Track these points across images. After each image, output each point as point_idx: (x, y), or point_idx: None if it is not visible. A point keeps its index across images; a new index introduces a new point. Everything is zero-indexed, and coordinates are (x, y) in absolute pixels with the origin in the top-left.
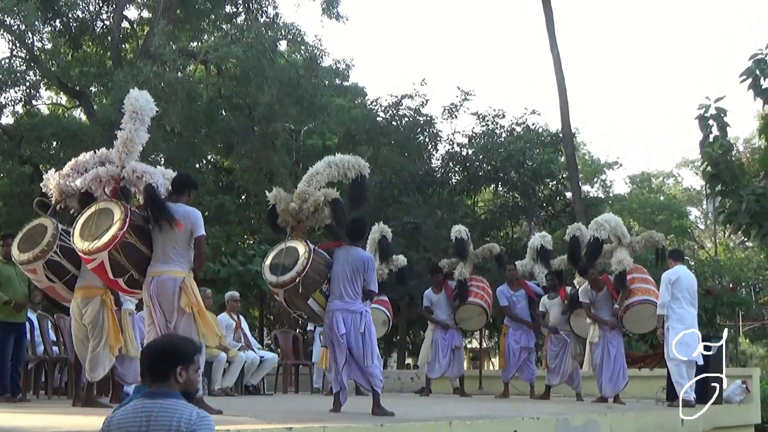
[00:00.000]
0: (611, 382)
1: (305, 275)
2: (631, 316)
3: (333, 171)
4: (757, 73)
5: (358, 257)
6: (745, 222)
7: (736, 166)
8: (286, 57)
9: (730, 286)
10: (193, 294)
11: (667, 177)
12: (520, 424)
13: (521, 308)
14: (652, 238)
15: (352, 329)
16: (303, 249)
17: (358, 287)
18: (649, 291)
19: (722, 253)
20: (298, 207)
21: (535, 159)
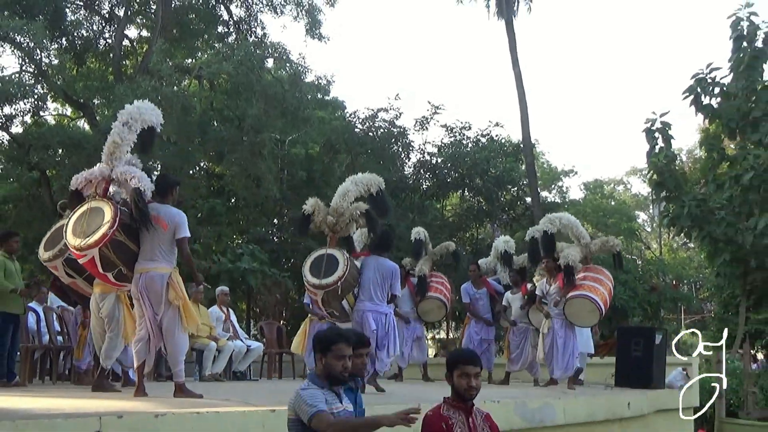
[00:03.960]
0: (560, 367)
1: (344, 280)
2: (571, 309)
3: (360, 188)
4: (698, 90)
5: (386, 266)
6: (687, 225)
7: (680, 174)
8: (273, 73)
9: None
10: (180, 288)
11: (617, 184)
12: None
13: (483, 305)
14: (607, 242)
15: (380, 327)
16: (342, 257)
17: (386, 291)
18: (593, 288)
19: (667, 253)
20: (336, 220)
21: (498, 167)
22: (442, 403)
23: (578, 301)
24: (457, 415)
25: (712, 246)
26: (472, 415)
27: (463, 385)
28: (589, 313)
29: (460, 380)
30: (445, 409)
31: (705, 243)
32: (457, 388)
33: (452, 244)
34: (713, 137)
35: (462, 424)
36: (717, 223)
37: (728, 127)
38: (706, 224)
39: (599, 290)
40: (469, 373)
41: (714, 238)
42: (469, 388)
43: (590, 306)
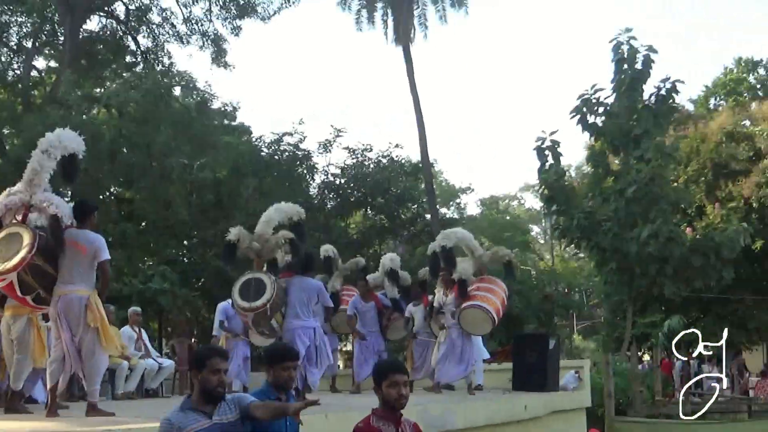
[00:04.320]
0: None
1: (272, 302)
2: (466, 318)
3: (282, 215)
4: (584, 110)
5: (311, 285)
6: (577, 236)
7: (569, 189)
8: (180, 101)
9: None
10: (98, 310)
11: (512, 199)
12: None
13: (371, 317)
14: (497, 253)
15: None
16: (268, 280)
17: (311, 308)
18: (486, 299)
19: (559, 263)
20: (261, 246)
21: (398, 186)
22: (371, 415)
23: (472, 311)
24: (387, 426)
25: (599, 255)
26: (401, 425)
27: (393, 394)
28: (483, 321)
29: (389, 390)
30: (375, 420)
31: (593, 253)
32: (387, 399)
33: (362, 259)
34: (599, 154)
35: None
36: (604, 234)
37: (612, 144)
38: (594, 235)
39: (492, 300)
40: (398, 382)
41: (601, 248)
42: (400, 398)
43: (483, 315)
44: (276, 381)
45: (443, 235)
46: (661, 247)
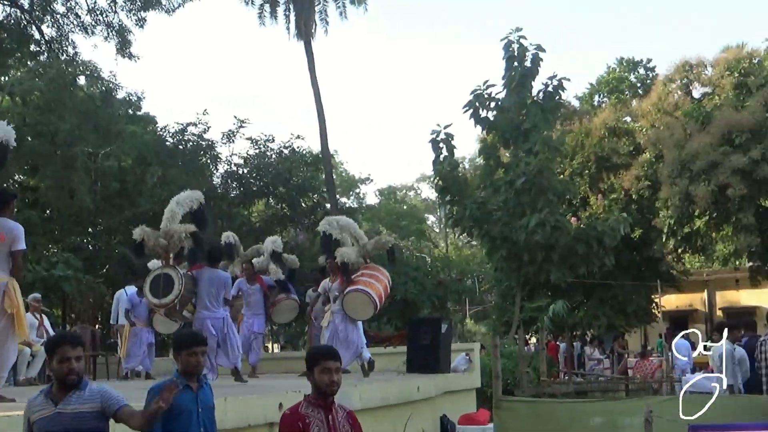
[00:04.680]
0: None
1: (181, 296)
2: (349, 303)
3: (183, 207)
4: (477, 104)
5: (219, 277)
6: (469, 225)
7: (462, 180)
8: (85, 90)
9: (458, 278)
10: (15, 297)
11: (409, 190)
12: (285, 397)
13: (256, 300)
14: (380, 240)
15: (218, 331)
16: (176, 275)
17: (220, 299)
18: (368, 284)
19: (453, 251)
20: (167, 242)
21: (299, 176)
22: (302, 401)
23: (355, 295)
24: (316, 413)
25: (490, 243)
26: (333, 412)
27: (325, 380)
28: (365, 306)
29: (321, 376)
30: (304, 407)
31: (485, 241)
32: (319, 384)
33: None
34: (490, 146)
35: (320, 422)
36: (494, 223)
37: (503, 137)
38: (485, 224)
39: (375, 285)
40: (330, 368)
41: (492, 237)
42: (331, 384)
43: (365, 299)
44: (185, 367)
45: (326, 221)
46: (548, 236)
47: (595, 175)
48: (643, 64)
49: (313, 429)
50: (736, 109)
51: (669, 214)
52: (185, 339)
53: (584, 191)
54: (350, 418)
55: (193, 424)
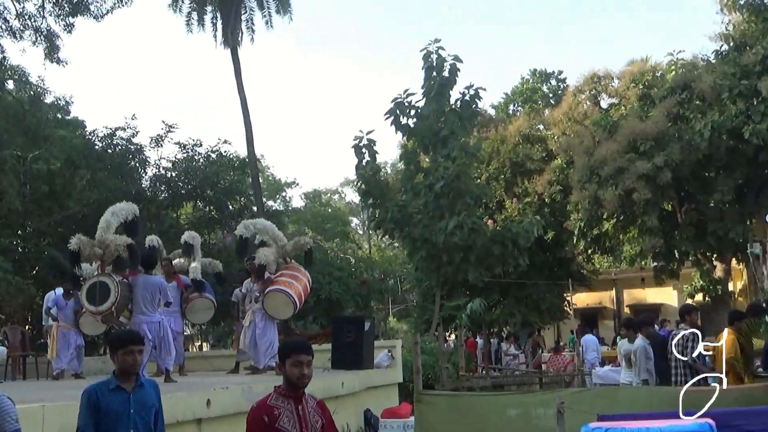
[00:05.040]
0: (264, 355)
1: (117, 303)
2: (269, 303)
3: (119, 218)
4: (398, 112)
5: (153, 282)
6: (390, 227)
7: (384, 184)
8: (13, 95)
9: (381, 278)
10: None
11: (333, 193)
12: (212, 394)
13: (174, 297)
14: (299, 242)
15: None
16: (112, 283)
17: (155, 303)
18: (288, 284)
19: (376, 252)
20: (103, 251)
21: (227, 180)
22: (271, 393)
23: (275, 295)
24: (286, 404)
25: (411, 245)
26: (303, 403)
27: (296, 373)
28: (285, 305)
29: (293, 369)
30: (274, 398)
31: (406, 242)
32: (290, 377)
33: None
34: (411, 152)
35: (290, 413)
36: (415, 225)
37: (423, 143)
38: (406, 226)
39: (294, 285)
40: (302, 362)
41: (413, 238)
42: (302, 377)
43: (285, 299)
44: (122, 366)
45: (243, 225)
46: (466, 237)
47: (510, 179)
48: (555, 75)
49: (282, 420)
50: (641, 119)
51: (579, 217)
52: (122, 338)
53: (500, 195)
54: (320, 407)
55: (121, 425)
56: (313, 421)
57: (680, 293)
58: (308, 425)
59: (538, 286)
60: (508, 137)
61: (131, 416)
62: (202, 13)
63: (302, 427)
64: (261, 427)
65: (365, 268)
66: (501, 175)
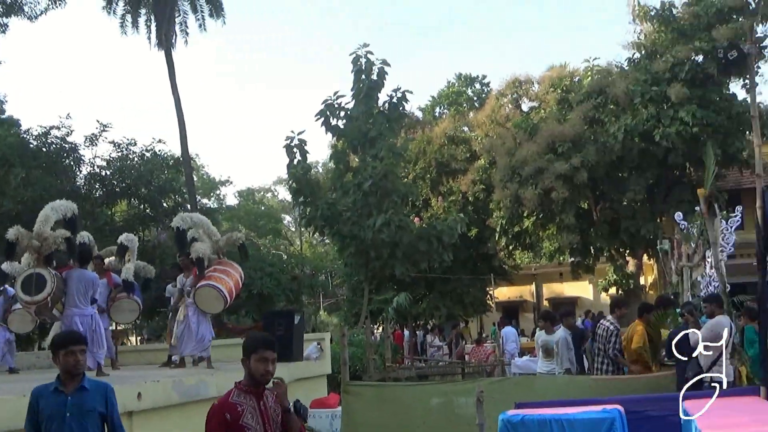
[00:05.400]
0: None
1: (53, 294)
2: (200, 297)
3: (58, 214)
4: (328, 113)
5: (87, 277)
6: (321, 224)
7: (314, 183)
8: None
9: (311, 273)
10: None
11: (267, 191)
12: (143, 387)
13: (103, 293)
14: (231, 237)
15: (86, 328)
16: (48, 275)
17: (88, 298)
18: (220, 279)
19: (308, 248)
20: (40, 244)
21: (161, 178)
22: (233, 390)
23: (205, 290)
24: (248, 400)
25: (340, 241)
26: (264, 398)
27: (261, 369)
28: (216, 300)
29: (257, 365)
30: (235, 395)
31: (335, 239)
32: (254, 373)
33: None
34: (340, 152)
35: (253, 408)
36: (344, 223)
37: (352, 144)
38: (335, 223)
39: (225, 281)
40: (267, 358)
41: (342, 235)
42: (266, 373)
43: (216, 294)
44: (64, 367)
45: (180, 217)
46: (393, 234)
47: (436, 179)
48: (479, 80)
49: (246, 416)
50: (559, 122)
51: (501, 215)
52: (62, 338)
53: (426, 194)
54: (276, 401)
55: (56, 429)
56: (274, 416)
57: (595, 287)
58: (270, 420)
59: (462, 280)
60: (434, 138)
61: (66, 420)
62: (136, 15)
63: (265, 422)
64: (223, 424)
65: (296, 264)
66: (427, 175)
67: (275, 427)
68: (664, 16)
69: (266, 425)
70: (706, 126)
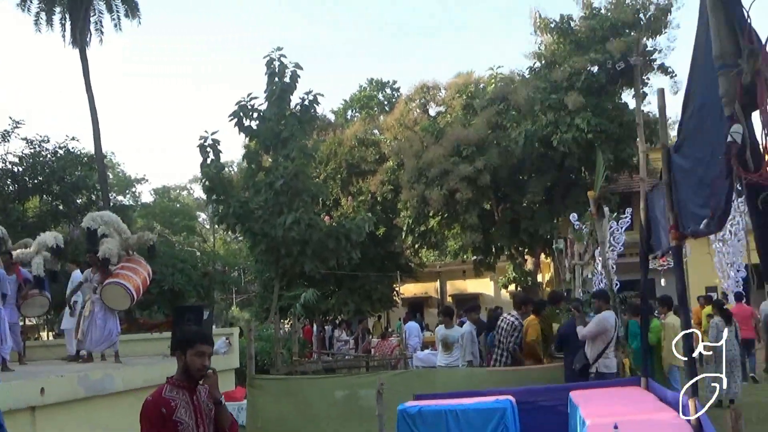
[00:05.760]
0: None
1: None
2: (107, 294)
3: None
4: (241, 114)
5: None
6: (232, 222)
7: (227, 182)
8: None
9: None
10: None
11: (182, 189)
12: (47, 382)
13: (12, 289)
14: (143, 237)
15: None
16: None
17: None
18: (127, 277)
19: (221, 246)
20: None
21: (74, 175)
22: (165, 385)
23: (112, 288)
24: (181, 395)
25: (252, 238)
26: (197, 393)
27: (197, 364)
28: (122, 297)
29: (194, 359)
30: (168, 390)
31: (247, 236)
32: (190, 367)
33: (30, 240)
34: (253, 152)
35: (186, 403)
36: (255, 220)
37: (264, 144)
38: (247, 221)
39: (132, 278)
40: (204, 353)
41: (253, 233)
42: (203, 368)
43: (122, 291)
44: None
45: (90, 217)
46: (303, 232)
47: (346, 179)
48: (390, 84)
49: (179, 411)
50: (464, 126)
51: (408, 215)
52: None
53: (336, 193)
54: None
55: None
56: (207, 410)
57: (496, 284)
58: (203, 414)
59: (369, 277)
60: (345, 140)
61: None
62: (51, 13)
63: (197, 416)
64: (159, 418)
65: (208, 260)
66: (338, 175)
67: (208, 421)
68: (562, 29)
69: (199, 420)
70: (599, 133)
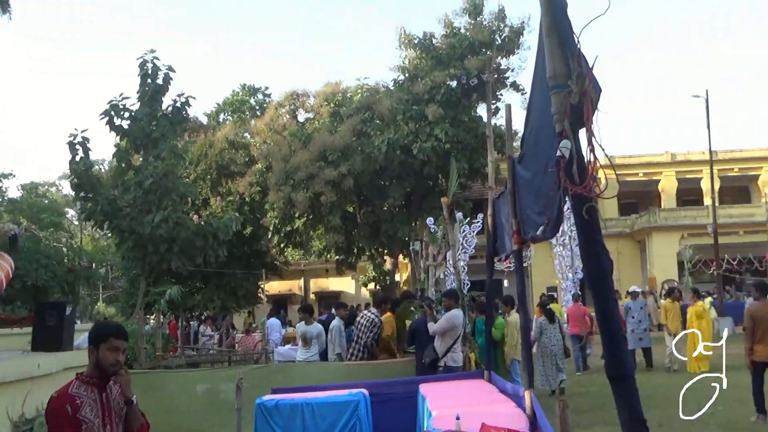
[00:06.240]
0: None
1: None
2: None
3: None
4: (113, 113)
5: None
6: (100, 219)
7: (96, 179)
8: None
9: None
10: None
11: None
12: None
13: None
14: (3, 228)
15: None
16: None
17: None
18: None
19: (89, 242)
20: None
21: None
22: (73, 381)
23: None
24: (89, 392)
25: (119, 235)
26: (107, 390)
27: (111, 359)
28: None
29: (107, 354)
30: (75, 387)
31: (115, 233)
32: (102, 362)
33: None
34: (123, 151)
35: (93, 401)
36: (123, 218)
37: (135, 143)
38: (115, 218)
39: None
40: (118, 348)
41: (121, 230)
42: (116, 363)
43: None
44: None
45: None
46: (171, 230)
47: (216, 180)
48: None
49: (84, 409)
50: (331, 133)
51: (275, 215)
52: None
53: (206, 193)
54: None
55: None
56: (118, 408)
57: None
58: (112, 412)
59: (236, 274)
60: (216, 142)
61: None
62: None
63: (105, 415)
64: (64, 416)
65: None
66: (208, 176)
67: (118, 420)
68: (425, 45)
69: (106, 419)
70: (456, 143)
